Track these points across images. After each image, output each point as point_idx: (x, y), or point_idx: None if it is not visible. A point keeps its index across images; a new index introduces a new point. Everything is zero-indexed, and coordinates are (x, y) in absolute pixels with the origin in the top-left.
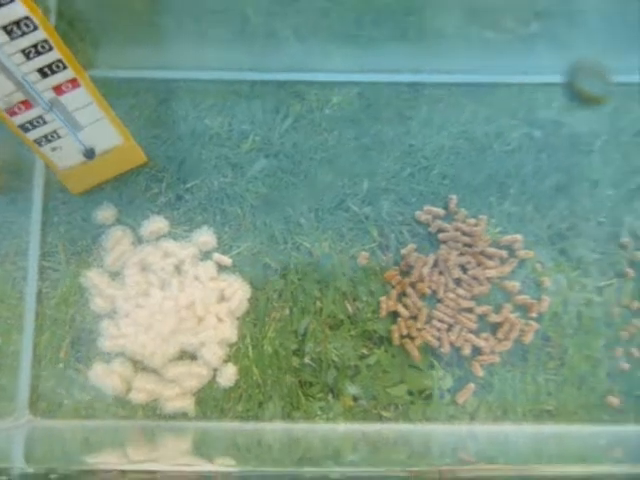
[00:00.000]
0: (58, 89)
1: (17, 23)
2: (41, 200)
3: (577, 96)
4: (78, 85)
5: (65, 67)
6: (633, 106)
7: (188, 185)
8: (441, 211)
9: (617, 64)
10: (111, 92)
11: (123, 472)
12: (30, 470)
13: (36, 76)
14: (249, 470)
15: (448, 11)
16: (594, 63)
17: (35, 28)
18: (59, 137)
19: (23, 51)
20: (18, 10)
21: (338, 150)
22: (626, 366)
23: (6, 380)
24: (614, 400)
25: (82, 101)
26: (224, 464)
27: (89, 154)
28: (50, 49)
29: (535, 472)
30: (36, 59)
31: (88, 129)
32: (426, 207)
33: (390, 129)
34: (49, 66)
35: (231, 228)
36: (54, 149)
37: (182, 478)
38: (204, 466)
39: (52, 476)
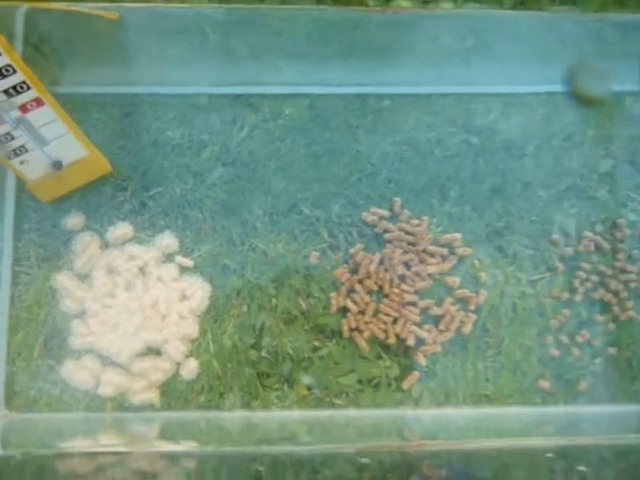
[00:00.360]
0: (23, 108)
1: None
2: (13, 209)
3: (577, 98)
4: (42, 104)
5: (29, 88)
6: (564, 112)
7: (151, 192)
8: (386, 213)
9: (545, 74)
10: (78, 107)
11: (93, 454)
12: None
13: (2, 97)
14: (211, 450)
15: (390, 28)
16: (593, 65)
17: None
18: (27, 151)
19: None
20: None
21: (290, 158)
22: (556, 352)
23: None
24: (545, 384)
25: (47, 118)
26: (188, 446)
27: (56, 166)
28: (14, 72)
29: (473, 446)
30: (1, 81)
31: (54, 143)
32: (372, 209)
33: (339, 137)
34: (14, 87)
35: (192, 232)
36: (22, 162)
37: (148, 458)
38: (169, 447)
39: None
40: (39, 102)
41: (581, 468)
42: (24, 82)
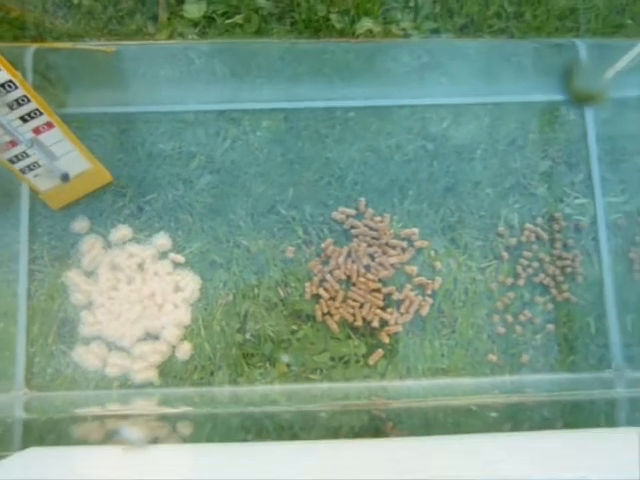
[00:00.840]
0: (36, 130)
1: (2, 85)
2: (27, 216)
3: (573, 96)
4: (52, 126)
5: (41, 114)
6: (507, 120)
7: (147, 198)
8: (353, 211)
9: (491, 87)
10: (82, 125)
11: (102, 417)
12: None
13: (18, 122)
14: (204, 412)
15: (356, 50)
16: (589, 64)
17: (16, 87)
18: (39, 166)
19: (8, 105)
20: (2, 75)
21: (268, 165)
22: (502, 330)
23: (6, 362)
24: (493, 357)
25: (56, 138)
26: (185, 409)
27: (64, 178)
28: (28, 101)
29: (431, 404)
30: (18, 110)
31: (62, 159)
32: (340, 208)
33: (310, 146)
34: (28, 114)
35: (183, 232)
36: (36, 176)
37: (149, 418)
38: (169, 410)
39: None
40: (50, 125)
41: (493, 414)
42: (37, 109)
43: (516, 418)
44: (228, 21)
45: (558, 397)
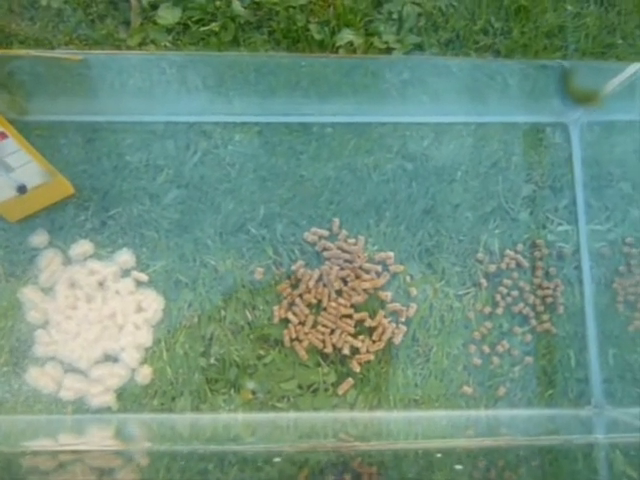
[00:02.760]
0: None
1: None
2: None
3: (571, 97)
4: (6, 137)
5: None
6: (491, 141)
7: (111, 213)
8: (325, 232)
9: (474, 106)
10: (44, 133)
11: (55, 453)
12: None
13: None
14: (163, 449)
15: (334, 63)
16: (587, 65)
17: None
18: None
19: None
20: None
21: (239, 181)
22: (479, 361)
23: None
24: (468, 390)
25: (11, 149)
26: (142, 445)
27: (21, 190)
28: None
29: (402, 446)
30: None
31: (19, 170)
32: (313, 229)
33: (284, 162)
34: None
35: (148, 249)
36: None
37: (106, 457)
38: (125, 446)
39: None
40: (3, 136)
41: (457, 467)
42: None
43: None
44: (203, 28)
45: (535, 442)
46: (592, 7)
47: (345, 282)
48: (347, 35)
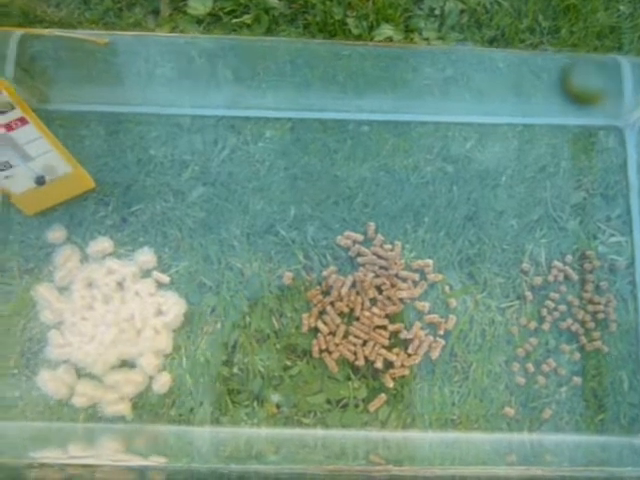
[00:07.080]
0: (8, 126)
1: None
2: None
3: (571, 96)
4: (27, 122)
5: (13, 108)
6: (538, 144)
7: (132, 209)
8: (360, 236)
9: (521, 106)
10: (65, 123)
11: (64, 466)
12: None
13: None
14: (179, 466)
15: (372, 57)
16: (587, 64)
17: None
18: (11, 167)
19: None
20: None
21: (269, 179)
22: (522, 380)
23: None
24: (510, 411)
25: (31, 136)
26: (157, 461)
27: (40, 181)
28: None
29: (438, 473)
30: None
31: (38, 160)
32: (347, 232)
33: (317, 161)
34: None
35: (170, 249)
36: (7, 177)
37: (118, 472)
38: (138, 462)
39: None
40: (23, 121)
41: None
42: (9, 103)
43: None
44: (235, 20)
45: (583, 472)
46: None
47: (380, 290)
48: (386, 30)
